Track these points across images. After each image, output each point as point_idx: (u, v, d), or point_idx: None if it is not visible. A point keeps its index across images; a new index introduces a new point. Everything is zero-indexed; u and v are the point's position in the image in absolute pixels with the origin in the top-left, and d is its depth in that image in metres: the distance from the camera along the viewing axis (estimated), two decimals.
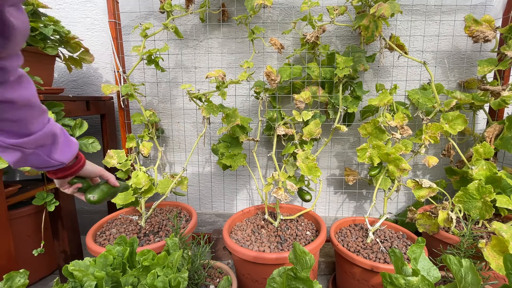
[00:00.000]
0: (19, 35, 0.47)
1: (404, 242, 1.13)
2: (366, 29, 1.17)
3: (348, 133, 1.50)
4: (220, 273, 1.02)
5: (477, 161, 1.16)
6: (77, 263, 0.63)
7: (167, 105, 1.56)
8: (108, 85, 1.33)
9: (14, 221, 1.20)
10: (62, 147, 0.62)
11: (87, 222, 1.71)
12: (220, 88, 1.24)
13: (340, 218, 1.48)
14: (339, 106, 1.24)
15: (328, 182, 1.58)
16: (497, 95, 1.16)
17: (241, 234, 1.20)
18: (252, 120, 1.34)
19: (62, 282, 0.64)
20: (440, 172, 1.51)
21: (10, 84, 0.50)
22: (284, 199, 1.09)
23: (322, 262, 1.37)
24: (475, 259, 0.81)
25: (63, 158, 0.62)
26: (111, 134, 1.52)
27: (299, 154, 1.17)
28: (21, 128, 0.54)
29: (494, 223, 0.90)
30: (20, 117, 0.53)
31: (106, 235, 1.18)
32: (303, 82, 1.35)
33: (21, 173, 1.66)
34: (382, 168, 1.21)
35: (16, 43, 0.47)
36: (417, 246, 0.66)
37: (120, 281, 0.63)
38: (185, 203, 1.46)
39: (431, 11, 1.36)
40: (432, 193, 1.11)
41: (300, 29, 1.37)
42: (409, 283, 0.56)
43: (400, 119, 1.14)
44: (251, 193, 1.65)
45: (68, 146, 0.64)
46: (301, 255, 0.64)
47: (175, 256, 0.72)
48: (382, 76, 1.44)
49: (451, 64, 1.40)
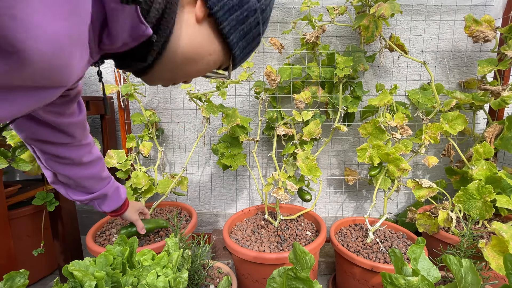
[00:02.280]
0: (80, 129, 0.69)
1: (404, 242, 1.13)
2: (366, 29, 1.17)
3: (348, 133, 1.50)
4: (220, 273, 1.02)
5: (477, 161, 1.16)
6: (77, 263, 0.63)
7: (167, 105, 1.56)
8: (108, 85, 1.33)
9: (14, 221, 1.20)
10: (109, 202, 0.86)
11: (87, 222, 1.71)
12: (220, 88, 1.24)
13: (340, 218, 1.47)
14: (339, 106, 1.24)
15: (328, 182, 1.58)
16: (497, 95, 1.16)
17: (241, 234, 1.20)
18: (252, 120, 1.34)
19: (62, 282, 0.64)
20: (440, 172, 1.51)
21: (82, 165, 0.72)
22: (284, 199, 1.09)
23: (322, 262, 1.37)
24: (475, 259, 0.81)
25: (107, 209, 0.87)
26: (111, 134, 1.52)
27: (299, 154, 1.17)
28: (84, 191, 0.79)
29: (494, 223, 0.90)
30: (84, 184, 0.76)
31: (106, 235, 1.18)
32: (303, 82, 1.35)
33: (21, 173, 1.66)
34: (382, 168, 1.21)
35: (77, 136, 0.69)
36: (417, 246, 0.66)
37: (120, 281, 0.63)
38: (185, 203, 1.46)
39: (431, 11, 1.36)
40: (432, 193, 1.11)
41: (300, 29, 1.37)
42: (409, 283, 0.56)
43: (400, 119, 1.14)
44: (251, 193, 1.65)
45: (115, 202, 0.88)
46: (301, 255, 0.64)
47: (175, 256, 0.72)
48: (382, 76, 1.44)
49: (451, 64, 1.40)
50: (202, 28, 0.41)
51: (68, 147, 0.67)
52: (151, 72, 0.44)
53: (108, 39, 0.37)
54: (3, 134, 1.00)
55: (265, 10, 0.44)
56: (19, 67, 0.28)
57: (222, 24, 0.41)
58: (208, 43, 0.43)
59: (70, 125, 0.63)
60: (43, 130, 0.61)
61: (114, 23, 0.35)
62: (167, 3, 0.37)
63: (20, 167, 1.01)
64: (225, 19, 0.40)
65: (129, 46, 0.39)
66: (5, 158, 0.98)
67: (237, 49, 0.45)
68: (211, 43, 0.43)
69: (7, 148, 1.01)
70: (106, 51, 0.41)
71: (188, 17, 0.40)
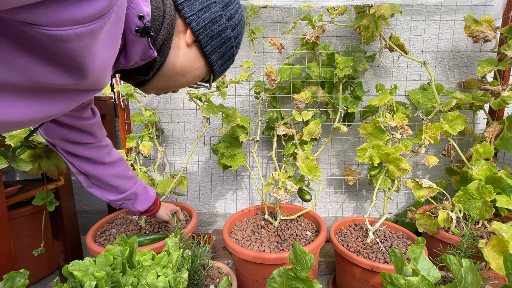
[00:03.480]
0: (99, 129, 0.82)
1: (404, 242, 1.13)
2: (366, 29, 1.17)
3: (348, 133, 1.50)
4: (220, 273, 1.02)
5: (477, 161, 1.16)
6: (77, 263, 0.63)
7: (167, 105, 1.56)
8: (108, 85, 1.33)
9: (14, 221, 1.20)
10: (141, 201, 0.95)
11: (87, 222, 1.71)
12: (220, 88, 1.24)
13: (340, 218, 1.47)
14: (339, 106, 1.24)
15: (328, 182, 1.58)
16: (497, 95, 1.16)
17: (241, 234, 1.20)
18: (252, 120, 1.34)
19: (62, 282, 0.64)
20: (440, 172, 1.51)
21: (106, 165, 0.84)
22: (284, 199, 1.09)
23: (322, 262, 1.37)
24: (475, 259, 0.81)
25: (140, 208, 0.96)
26: (111, 134, 1.52)
27: (299, 154, 1.17)
28: (116, 191, 0.89)
29: (494, 223, 0.90)
30: (113, 183, 0.87)
31: (106, 235, 1.18)
32: (303, 82, 1.35)
33: (21, 173, 1.66)
34: (382, 168, 1.21)
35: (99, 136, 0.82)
36: (417, 246, 0.66)
37: (120, 281, 0.63)
38: (185, 203, 1.45)
39: (431, 11, 1.36)
40: (432, 193, 1.11)
41: (300, 29, 1.37)
42: (409, 283, 0.56)
43: (400, 119, 1.14)
44: (251, 193, 1.65)
45: (146, 200, 0.97)
46: (301, 255, 0.64)
47: (175, 256, 0.72)
48: (382, 76, 1.44)
49: (451, 64, 1.40)
50: (191, 50, 0.55)
51: (91, 147, 0.80)
52: (149, 84, 0.57)
53: (125, 60, 0.50)
54: (3, 134, 1.00)
55: (237, 37, 0.59)
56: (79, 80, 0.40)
57: (205, 48, 0.55)
58: (194, 61, 0.56)
59: (90, 126, 0.76)
60: (68, 132, 0.75)
61: (131, 49, 0.48)
62: (168, 34, 0.50)
63: (20, 167, 1.01)
64: (208, 44, 0.54)
65: (138, 64, 0.52)
66: (5, 158, 0.98)
67: (216, 66, 0.59)
68: (197, 61, 0.57)
69: (7, 148, 1.01)
70: (119, 68, 0.53)
71: (180, 42, 0.53)
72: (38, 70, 0.36)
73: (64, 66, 0.38)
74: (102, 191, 0.88)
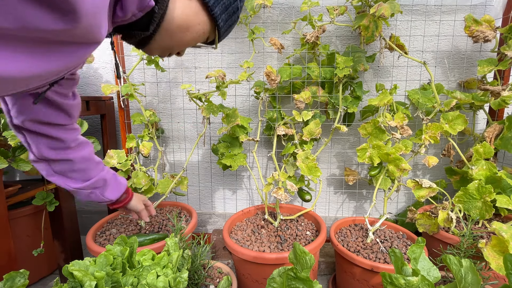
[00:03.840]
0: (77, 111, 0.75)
1: (404, 242, 1.13)
2: (366, 29, 1.17)
3: (348, 133, 1.50)
4: (220, 273, 1.02)
5: (477, 161, 1.16)
6: (77, 263, 0.63)
7: (167, 105, 1.56)
8: (108, 85, 1.33)
9: (14, 221, 1.20)
10: (111, 188, 0.85)
11: (87, 222, 1.71)
12: (220, 88, 1.24)
13: (340, 218, 1.47)
14: (339, 106, 1.24)
15: (328, 182, 1.58)
16: (497, 95, 1.16)
17: (241, 234, 1.20)
18: (252, 120, 1.34)
19: (62, 282, 0.64)
20: (440, 172, 1.51)
21: (72, 148, 0.76)
22: (284, 199, 1.09)
23: (322, 262, 1.37)
24: (475, 259, 0.81)
25: (112, 197, 0.85)
26: (111, 134, 1.52)
27: (299, 154, 1.17)
28: (82, 176, 0.79)
29: (494, 223, 0.90)
30: (79, 168, 0.78)
31: (106, 235, 1.18)
32: (303, 82, 1.35)
33: (21, 173, 1.66)
34: (382, 168, 1.21)
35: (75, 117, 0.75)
36: (417, 246, 0.66)
37: (120, 281, 0.63)
38: (185, 203, 1.46)
39: (431, 11, 1.36)
40: (432, 193, 1.11)
41: (300, 29, 1.37)
42: (409, 283, 0.56)
43: (400, 119, 1.14)
44: (251, 193, 1.65)
45: (117, 187, 0.87)
46: (301, 255, 0.64)
47: (175, 256, 0.72)
48: (382, 76, 1.44)
49: (451, 64, 1.40)
50: (192, 2, 0.52)
51: (65, 129, 0.74)
52: (152, 42, 0.54)
53: (121, 11, 0.47)
54: (3, 134, 1.00)
55: None
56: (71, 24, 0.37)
57: None
58: (196, 14, 0.53)
59: (70, 106, 0.72)
60: (46, 110, 0.68)
61: None
62: None
63: (20, 167, 1.02)
64: None
65: (136, 17, 0.48)
66: (5, 158, 0.98)
67: (221, 20, 0.55)
68: (199, 14, 0.53)
69: (7, 148, 1.01)
70: (117, 24, 0.50)
71: None
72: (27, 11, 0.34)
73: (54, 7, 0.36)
74: (66, 179, 0.79)
